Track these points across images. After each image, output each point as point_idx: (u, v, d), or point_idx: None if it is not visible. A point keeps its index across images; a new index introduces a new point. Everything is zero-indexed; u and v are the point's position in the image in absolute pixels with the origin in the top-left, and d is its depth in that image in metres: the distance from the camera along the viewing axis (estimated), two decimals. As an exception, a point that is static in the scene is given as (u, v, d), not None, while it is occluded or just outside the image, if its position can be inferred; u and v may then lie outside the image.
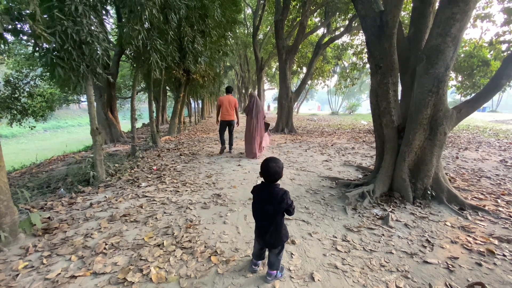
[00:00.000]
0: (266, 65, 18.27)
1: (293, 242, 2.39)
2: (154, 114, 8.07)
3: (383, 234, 2.56)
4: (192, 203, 3.36)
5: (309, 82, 22.69)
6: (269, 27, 19.23)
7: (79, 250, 2.29)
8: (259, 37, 19.87)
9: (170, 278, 1.92)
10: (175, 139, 9.21)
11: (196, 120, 17.02)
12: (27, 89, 12.47)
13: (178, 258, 2.16)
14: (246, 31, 21.46)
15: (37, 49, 3.79)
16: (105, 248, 2.30)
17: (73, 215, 3.04)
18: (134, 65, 6.55)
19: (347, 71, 16.19)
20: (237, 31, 19.26)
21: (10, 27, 2.69)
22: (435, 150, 3.29)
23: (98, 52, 4.13)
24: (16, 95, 11.57)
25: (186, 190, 3.82)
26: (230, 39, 10.23)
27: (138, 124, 17.95)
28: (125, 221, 2.87)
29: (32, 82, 13.21)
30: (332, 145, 7.53)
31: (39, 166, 7.32)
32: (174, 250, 2.28)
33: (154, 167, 5.12)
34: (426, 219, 2.88)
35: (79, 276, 1.93)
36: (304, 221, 2.84)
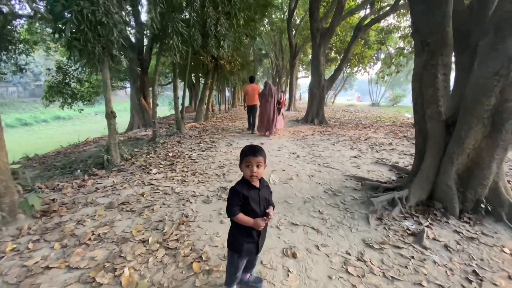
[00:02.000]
0: (300, 52, 17.31)
1: (293, 255, 1.99)
2: (180, 100, 8.05)
3: (413, 257, 2.01)
4: (195, 195, 3.12)
5: (348, 69, 21.10)
6: (306, 11, 18.08)
7: (66, 237, 2.18)
8: (296, 22, 18.82)
9: (141, 284, 1.68)
10: (201, 126, 9.17)
11: (226, 108, 16.96)
12: (76, 75, 13.47)
13: (159, 259, 1.92)
14: (282, 16, 20.50)
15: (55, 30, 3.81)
16: (90, 239, 2.16)
17: (76, 198, 3.01)
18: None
19: (392, 57, 14.55)
20: (272, 15, 18.49)
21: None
22: (496, 152, 2.54)
23: (114, 33, 4.03)
24: (66, 81, 12.55)
25: (193, 181, 3.60)
26: (261, 24, 9.72)
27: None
28: (122, 209, 2.74)
29: (80, 69, 14.32)
30: (365, 140, 6.74)
31: (76, 146, 7.84)
32: (157, 250, 2.04)
33: (170, 154, 5.03)
34: (476, 241, 2.23)
35: (54, 267, 1.80)
36: (313, 228, 2.40)
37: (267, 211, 1.39)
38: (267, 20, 17.97)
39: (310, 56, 24.86)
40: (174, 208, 2.79)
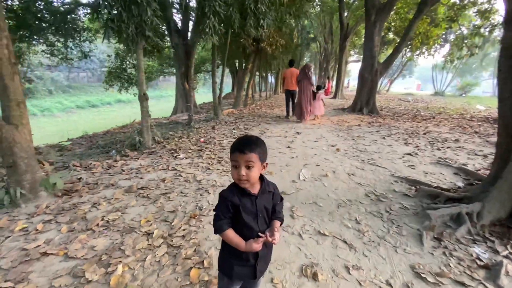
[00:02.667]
0: (352, 33, 15.67)
1: (314, 277, 1.57)
2: (218, 86, 7.90)
3: (487, 304, 1.42)
4: (215, 185, 2.86)
5: (408, 52, 18.53)
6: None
7: (76, 221, 2.13)
8: (349, 0, 16.99)
9: (129, 287, 1.47)
10: (238, 112, 8.98)
11: (268, 95, 16.51)
12: (132, 62, 14.40)
13: (157, 259, 1.70)
14: (333, -5, 18.74)
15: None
16: (97, 225, 2.06)
17: (101, 179, 3.02)
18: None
19: (465, 37, 12.12)
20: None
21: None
22: None
23: (148, 13, 3.90)
24: (123, 66, 13.53)
25: (218, 169, 3.35)
26: (310, 4, 8.85)
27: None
28: (139, 195, 2.63)
29: (135, 55, 15.29)
30: (424, 134, 5.69)
31: (123, 127, 8.37)
32: (159, 246, 1.82)
33: (201, 139, 4.90)
34: None
35: (51, 254, 1.71)
36: (345, 242, 1.92)
37: (263, 233, 1.01)
38: (317, 0, 16.61)
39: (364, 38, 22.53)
40: (191, 198, 2.58)
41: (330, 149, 4.35)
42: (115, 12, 3.73)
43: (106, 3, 3.67)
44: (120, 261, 1.65)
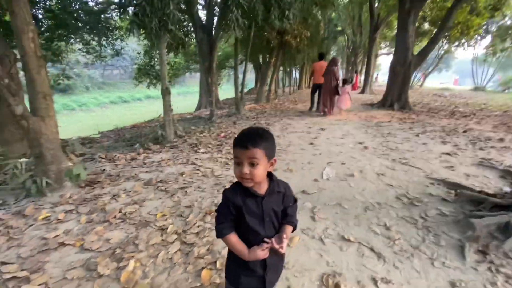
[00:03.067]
0: (383, 24, 14.74)
1: (336, 288, 1.41)
2: (240, 81, 7.81)
3: None
4: (233, 181, 2.76)
5: (445, 44, 17.06)
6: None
7: (95, 212, 2.15)
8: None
9: (140, 285, 1.42)
10: (260, 107, 8.84)
11: (291, 90, 16.14)
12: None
13: (169, 256, 1.64)
14: (363, -16, 17.70)
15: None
16: (115, 217, 2.06)
17: (123, 171, 3.06)
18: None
19: (509, 28, 10.79)
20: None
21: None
22: None
23: (171, 6, 3.89)
24: (152, 63, 13.99)
25: (236, 165, 3.26)
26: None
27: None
28: (157, 188, 2.62)
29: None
30: (464, 132, 5.14)
31: (149, 122, 8.63)
32: (173, 242, 1.77)
33: (222, 134, 4.85)
34: None
35: (68, 244, 1.73)
36: (373, 250, 1.72)
37: (267, 240, 0.90)
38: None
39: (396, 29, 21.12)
40: (207, 193, 2.51)
41: (357, 146, 4.06)
42: (139, 7, 3.76)
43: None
44: (133, 256, 1.61)
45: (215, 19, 9.75)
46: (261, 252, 0.88)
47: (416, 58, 8.42)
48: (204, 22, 10.04)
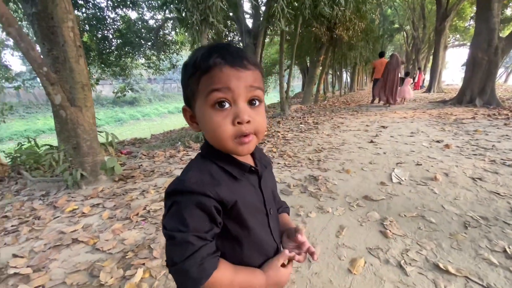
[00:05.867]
0: (453, 11, 12.67)
1: None
2: (285, 81, 7.40)
3: None
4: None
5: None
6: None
7: (119, 207, 1.94)
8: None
9: (142, 305, 1.06)
10: (307, 108, 8.22)
11: (342, 92, 15.00)
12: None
13: (186, 269, 1.26)
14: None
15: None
16: (137, 214, 1.81)
17: (158, 167, 2.89)
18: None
19: None
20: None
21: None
22: None
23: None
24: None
25: (278, 163, 2.80)
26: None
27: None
28: (189, 186, 2.33)
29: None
30: None
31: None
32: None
33: (265, 132, 4.46)
34: None
35: (81, 242, 1.50)
36: (482, 285, 1.06)
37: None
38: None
39: (470, 22, 18.06)
40: (243, 195, 2.11)
41: (434, 145, 3.19)
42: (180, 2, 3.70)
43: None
44: (144, 264, 1.29)
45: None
46: (286, 271, 0.53)
47: (505, 42, 6.77)
48: (250, 27, 10.05)
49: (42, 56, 2.55)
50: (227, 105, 0.44)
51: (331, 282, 1.14)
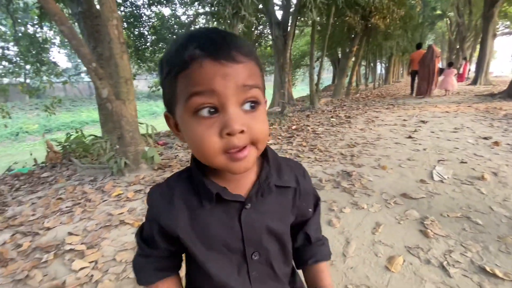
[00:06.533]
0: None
1: None
2: (316, 73, 7.20)
3: None
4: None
5: None
6: None
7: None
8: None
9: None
10: (338, 101, 7.96)
11: (375, 84, 14.23)
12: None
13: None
14: None
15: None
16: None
17: (192, 158, 3.03)
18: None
19: None
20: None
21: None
22: None
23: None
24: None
25: (309, 157, 2.77)
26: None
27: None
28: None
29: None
30: None
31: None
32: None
33: (293, 126, 4.42)
34: None
35: (127, 223, 1.64)
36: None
37: None
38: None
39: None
40: (274, 187, 2.14)
41: (482, 142, 2.93)
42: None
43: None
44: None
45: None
46: None
47: None
48: (279, 19, 9.89)
49: (90, 53, 2.74)
50: (212, 112, 0.34)
51: (368, 278, 1.13)
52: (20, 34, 6.74)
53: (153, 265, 0.46)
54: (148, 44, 10.49)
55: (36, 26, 7.10)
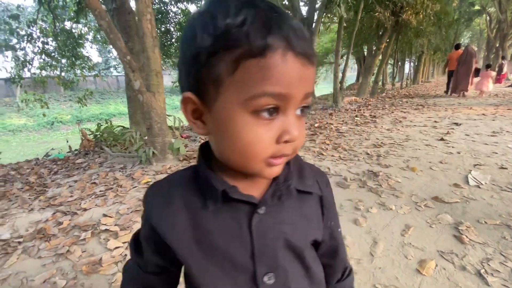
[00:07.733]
0: None
1: None
2: (341, 71, 7.01)
3: None
4: (329, 173, 2.28)
5: None
6: None
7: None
8: None
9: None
10: (363, 100, 7.71)
11: (403, 84, 13.59)
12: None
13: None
14: None
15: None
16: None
17: (215, 151, 3.08)
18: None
19: None
20: None
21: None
22: None
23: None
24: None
25: (333, 156, 2.72)
26: None
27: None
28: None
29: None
30: None
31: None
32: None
33: (316, 124, 4.35)
34: None
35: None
36: None
37: None
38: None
39: None
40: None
41: (524, 147, 2.72)
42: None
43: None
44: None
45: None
46: None
47: None
48: (305, 15, 9.73)
49: (124, 47, 2.86)
50: (272, 111, 0.28)
51: (397, 279, 1.10)
52: (58, 30, 7.19)
53: (140, 281, 0.40)
54: (173, 40, 10.73)
55: (73, 22, 7.54)
